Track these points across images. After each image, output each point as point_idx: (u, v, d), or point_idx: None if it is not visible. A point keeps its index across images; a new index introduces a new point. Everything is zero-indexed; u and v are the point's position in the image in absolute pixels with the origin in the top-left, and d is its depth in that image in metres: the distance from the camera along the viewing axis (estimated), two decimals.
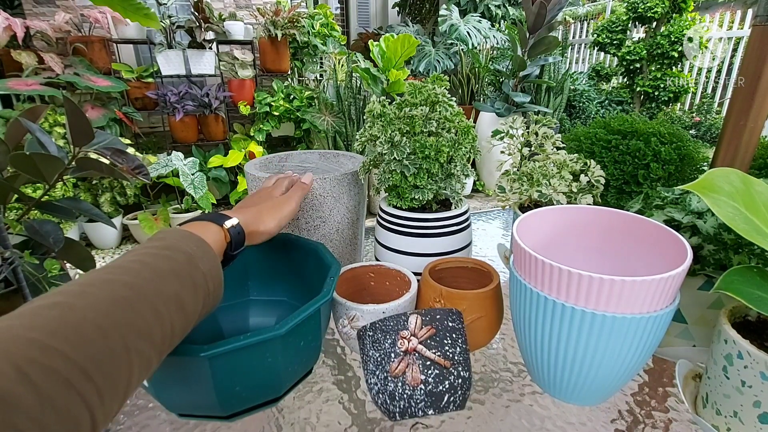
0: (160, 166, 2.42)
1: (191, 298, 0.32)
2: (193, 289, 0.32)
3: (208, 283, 0.34)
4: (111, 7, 0.59)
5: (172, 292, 0.30)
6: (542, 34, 2.69)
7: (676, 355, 0.50)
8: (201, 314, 0.34)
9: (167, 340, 0.30)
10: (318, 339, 0.47)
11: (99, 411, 0.24)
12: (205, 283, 0.34)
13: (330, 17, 3.38)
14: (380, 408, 0.45)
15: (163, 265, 0.31)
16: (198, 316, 0.34)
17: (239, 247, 0.42)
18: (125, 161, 0.61)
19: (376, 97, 0.64)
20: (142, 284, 0.29)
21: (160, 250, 0.33)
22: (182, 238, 0.35)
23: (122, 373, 0.26)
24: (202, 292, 0.33)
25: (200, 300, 0.33)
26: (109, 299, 0.27)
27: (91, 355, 0.24)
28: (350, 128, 2.87)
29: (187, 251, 0.34)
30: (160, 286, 0.30)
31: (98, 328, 0.25)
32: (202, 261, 0.34)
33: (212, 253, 0.36)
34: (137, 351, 0.27)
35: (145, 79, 2.91)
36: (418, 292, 0.55)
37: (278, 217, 0.48)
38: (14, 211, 1.67)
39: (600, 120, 0.98)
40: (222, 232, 0.40)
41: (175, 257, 0.32)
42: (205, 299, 0.34)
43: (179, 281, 0.31)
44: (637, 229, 0.47)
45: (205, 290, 0.34)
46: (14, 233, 0.61)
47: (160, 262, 0.31)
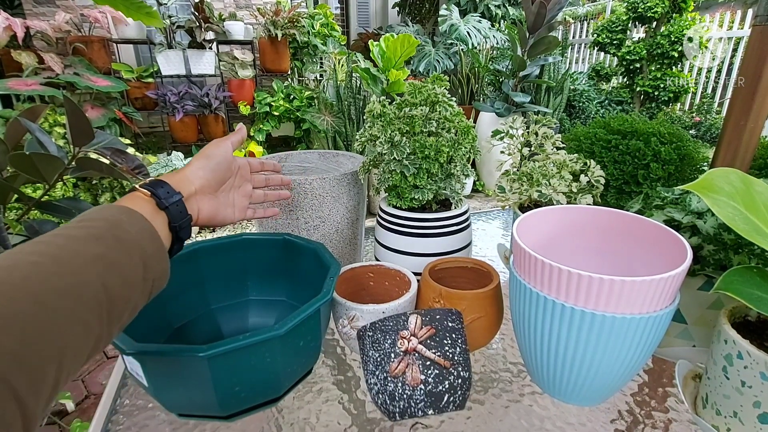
0: (160, 166, 2.42)
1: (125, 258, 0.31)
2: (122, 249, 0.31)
3: (144, 244, 0.33)
4: (113, 7, 0.59)
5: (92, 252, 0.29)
6: (542, 34, 2.69)
7: (676, 356, 0.50)
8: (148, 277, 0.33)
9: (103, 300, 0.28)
10: (318, 339, 0.47)
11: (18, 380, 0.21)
12: (138, 245, 0.32)
13: (330, 17, 3.38)
14: (380, 408, 0.45)
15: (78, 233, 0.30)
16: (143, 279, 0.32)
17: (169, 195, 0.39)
18: (125, 161, 0.61)
19: (376, 97, 0.64)
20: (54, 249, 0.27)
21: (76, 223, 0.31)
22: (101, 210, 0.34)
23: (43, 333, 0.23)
24: (138, 252, 0.32)
25: (138, 260, 0.32)
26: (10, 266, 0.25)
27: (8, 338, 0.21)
28: (350, 128, 2.87)
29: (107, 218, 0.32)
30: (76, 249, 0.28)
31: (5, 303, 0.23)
32: (128, 224, 0.33)
33: (138, 215, 0.34)
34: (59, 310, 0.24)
35: (145, 79, 2.91)
36: (418, 292, 0.55)
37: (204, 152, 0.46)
38: (14, 211, 1.67)
39: (600, 120, 0.98)
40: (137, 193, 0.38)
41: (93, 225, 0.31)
42: (144, 259, 0.32)
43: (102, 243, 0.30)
44: (637, 229, 0.47)
45: (141, 250, 0.32)
46: (14, 233, 0.61)
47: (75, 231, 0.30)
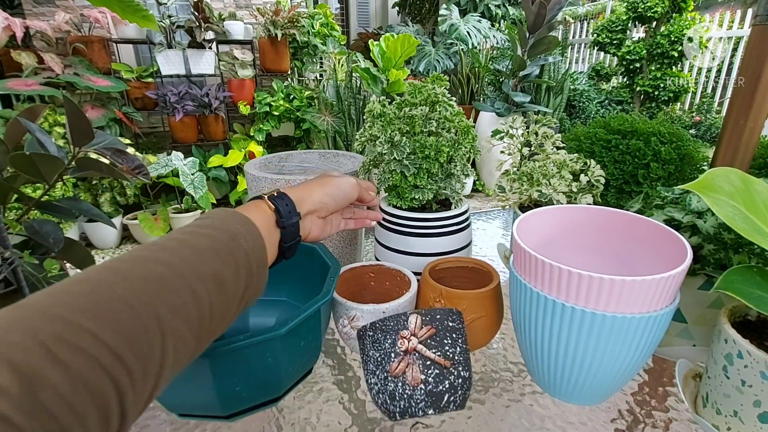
0: (160, 166, 2.42)
1: (232, 277, 0.31)
2: (234, 267, 0.31)
3: (252, 263, 0.33)
4: (109, 8, 0.59)
5: (210, 270, 0.29)
6: (542, 33, 2.69)
7: (676, 355, 0.50)
8: (245, 296, 0.33)
9: (205, 322, 0.28)
10: (318, 339, 0.47)
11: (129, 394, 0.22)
12: (247, 262, 0.32)
13: (330, 17, 3.38)
14: (380, 408, 0.45)
15: (202, 243, 0.30)
16: (241, 297, 0.32)
17: (290, 215, 0.39)
18: (125, 161, 0.61)
19: (376, 97, 0.64)
20: (178, 262, 0.28)
21: (201, 228, 0.32)
22: (226, 217, 0.34)
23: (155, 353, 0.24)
24: (245, 271, 0.32)
25: (242, 280, 0.32)
26: (141, 276, 0.26)
27: (120, 334, 0.22)
28: (350, 128, 2.87)
29: (229, 229, 0.33)
30: (197, 264, 0.28)
31: (128, 305, 0.24)
32: (245, 239, 0.33)
33: (256, 231, 0.35)
34: (172, 330, 0.25)
35: (145, 79, 2.91)
36: (418, 291, 0.55)
37: (334, 182, 0.46)
38: (14, 211, 1.67)
39: (600, 120, 0.98)
40: (264, 205, 0.38)
41: (215, 235, 0.31)
42: (248, 279, 0.32)
43: (219, 259, 0.30)
44: (637, 228, 0.47)
45: (248, 269, 0.32)
46: (14, 233, 0.61)
47: (200, 239, 0.30)
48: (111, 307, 0.23)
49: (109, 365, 0.21)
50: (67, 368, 0.20)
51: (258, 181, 0.64)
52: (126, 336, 0.23)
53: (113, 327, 0.22)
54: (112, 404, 0.21)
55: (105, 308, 0.23)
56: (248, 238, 0.34)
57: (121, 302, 0.24)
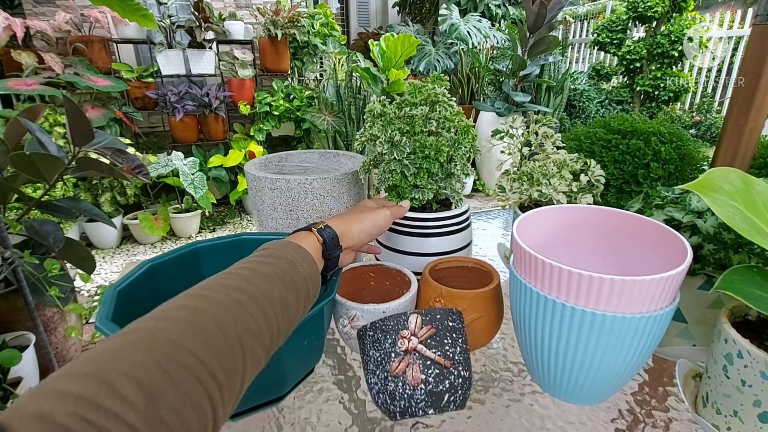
0: (160, 165, 2.42)
1: (294, 299, 0.34)
2: (295, 291, 0.35)
3: (308, 286, 0.37)
4: (109, 7, 0.59)
5: (278, 294, 0.33)
6: (542, 33, 2.69)
7: (676, 355, 0.50)
8: (301, 316, 0.37)
9: (274, 341, 0.32)
10: (320, 338, 0.47)
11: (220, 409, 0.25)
12: (305, 286, 0.36)
13: (330, 17, 3.38)
14: (380, 408, 0.45)
15: (269, 271, 0.34)
16: (300, 317, 0.36)
17: (334, 248, 0.44)
18: (125, 161, 0.61)
19: (376, 97, 0.64)
20: (253, 288, 0.31)
21: (265, 257, 0.36)
22: (284, 246, 0.38)
23: (239, 371, 0.27)
24: (303, 294, 0.36)
25: (302, 301, 0.36)
26: (226, 302, 0.29)
27: (214, 354, 0.25)
28: (350, 128, 2.86)
29: (288, 258, 0.37)
30: (267, 290, 0.32)
31: (219, 329, 0.27)
32: (302, 266, 0.37)
33: (311, 258, 0.39)
34: (251, 350, 0.28)
35: (145, 78, 2.91)
36: (418, 291, 0.55)
37: (369, 218, 0.50)
38: (14, 211, 1.67)
39: (600, 119, 0.98)
40: (313, 236, 0.43)
41: (279, 264, 0.35)
42: (305, 301, 0.36)
43: (283, 284, 0.34)
44: (637, 228, 0.47)
45: (306, 292, 0.36)
46: (14, 233, 0.61)
47: (267, 268, 0.34)
48: (206, 331, 0.26)
49: (206, 382, 0.24)
50: (178, 386, 0.23)
51: (258, 181, 0.64)
52: (218, 356, 0.26)
53: (209, 348, 0.25)
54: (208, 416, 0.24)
55: (201, 332, 0.26)
56: (305, 265, 0.38)
57: (213, 326, 0.27)
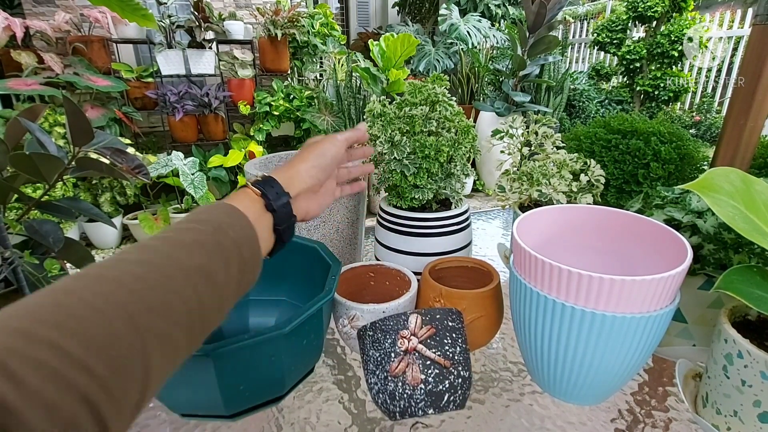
0: (160, 165, 2.42)
1: (221, 267, 0.30)
2: (222, 257, 0.30)
3: (242, 251, 0.32)
4: (109, 7, 0.59)
5: (195, 263, 0.28)
6: (542, 33, 2.69)
7: (676, 355, 0.50)
8: (241, 283, 0.32)
9: (195, 315, 0.27)
10: (320, 337, 0.47)
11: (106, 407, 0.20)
12: (237, 251, 0.32)
13: (330, 17, 3.38)
14: (380, 407, 0.45)
15: (185, 238, 0.30)
16: (236, 285, 0.32)
17: (278, 197, 0.38)
18: (125, 161, 0.61)
19: (376, 97, 0.64)
20: (159, 259, 0.27)
21: (186, 223, 0.31)
22: (212, 209, 0.34)
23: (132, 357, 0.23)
24: (236, 260, 0.32)
25: (234, 268, 0.31)
26: (114, 278, 0.25)
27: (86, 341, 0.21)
28: (350, 128, 2.86)
29: (214, 221, 0.32)
30: (180, 259, 0.28)
31: (95, 309, 0.22)
32: (232, 228, 0.33)
33: (244, 219, 0.34)
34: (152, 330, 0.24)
35: (145, 78, 2.91)
36: (418, 291, 0.55)
37: (314, 151, 0.44)
38: (14, 211, 1.67)
39: (600, 119, 0.98)
40: (249, 191, 0.38)
41: (200, 228, 0.31)
42: (240, 266, 0.32)
43: (205, 251, 0.30)
44: (637, 228, 0.47)
45: (240, 257, 0.32)
46: (14, 233, 0.61)
47: (183, 234, 0.30)
48: (74, 314, 0.21)
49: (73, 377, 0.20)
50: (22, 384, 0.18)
51: None
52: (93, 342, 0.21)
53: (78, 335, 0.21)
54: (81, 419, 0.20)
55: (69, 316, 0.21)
56: (236, 226, 0.33)
57: (87, 307, 0.22)
